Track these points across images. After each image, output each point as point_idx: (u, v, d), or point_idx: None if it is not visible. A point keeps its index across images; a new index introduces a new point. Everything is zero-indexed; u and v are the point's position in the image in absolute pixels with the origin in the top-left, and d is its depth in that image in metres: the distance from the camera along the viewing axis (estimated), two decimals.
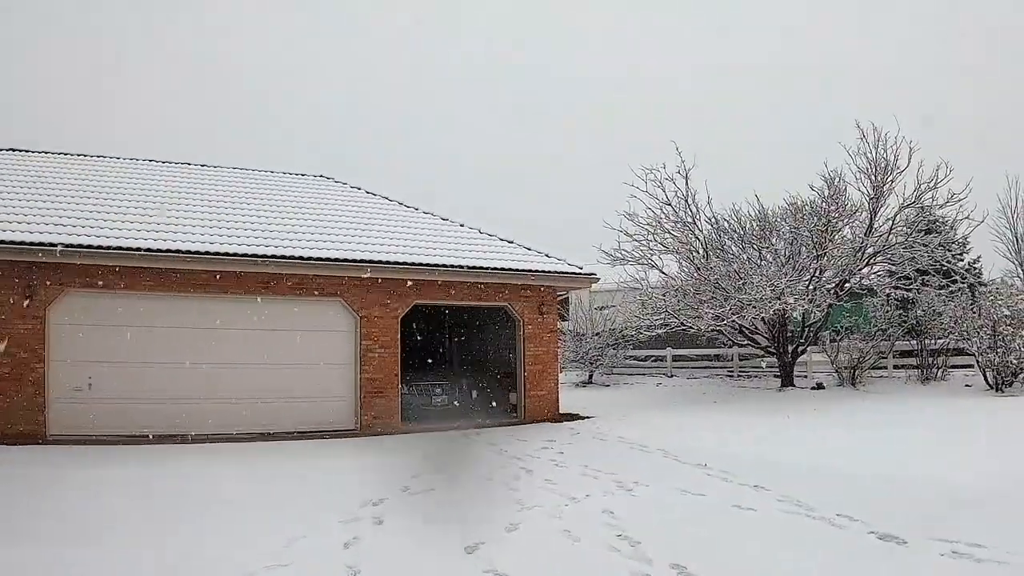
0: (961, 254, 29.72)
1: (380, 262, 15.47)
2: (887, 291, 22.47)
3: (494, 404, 17.88)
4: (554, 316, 17.83)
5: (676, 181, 21.51)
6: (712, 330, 21.69)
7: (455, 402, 17.75)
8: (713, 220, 21.98)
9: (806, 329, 22.36)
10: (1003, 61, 63.48)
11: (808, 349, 23.06)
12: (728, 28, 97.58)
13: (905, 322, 23.15)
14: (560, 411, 17.74)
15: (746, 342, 22.97)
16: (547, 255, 17.72)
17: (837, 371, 22.55)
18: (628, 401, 21.51)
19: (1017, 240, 31.43)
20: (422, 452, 12.69)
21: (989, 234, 29.93)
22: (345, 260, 15.26)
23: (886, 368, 23.80)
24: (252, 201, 17.92)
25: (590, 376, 27.15)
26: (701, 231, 21.88)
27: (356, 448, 13.40)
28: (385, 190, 19.98)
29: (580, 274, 17.47)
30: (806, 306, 20.14)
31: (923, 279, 22.89)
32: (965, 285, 26.64)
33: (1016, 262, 31.24)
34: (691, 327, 21.35)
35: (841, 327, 23.72)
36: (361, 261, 15.35)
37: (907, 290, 22.60)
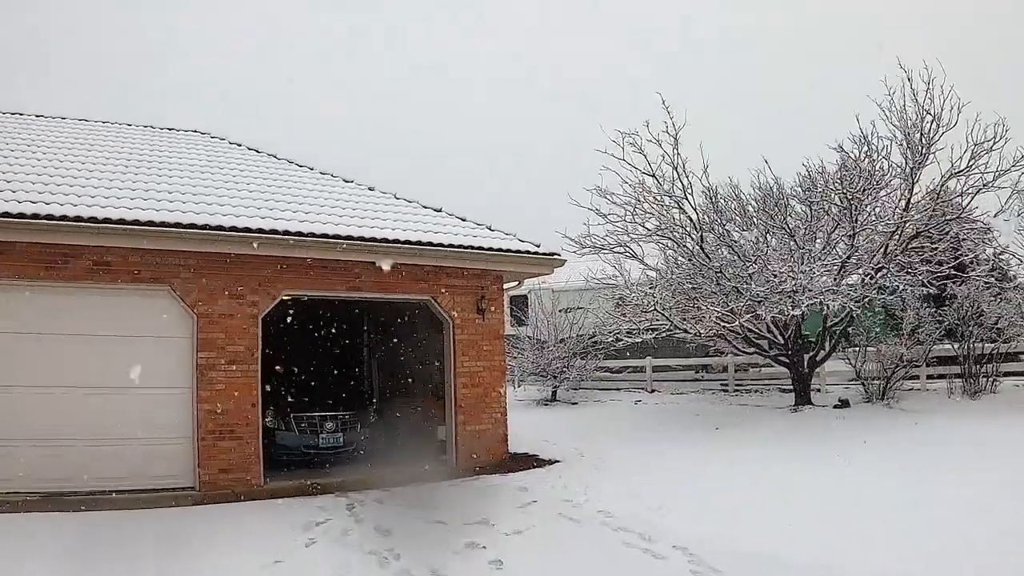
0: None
1: (226, 229, 9.41)
2: (922, 284, 16.58)
3: (416, 443, 11.76)
4: (500, 316, 11.86)
5: (663, 144, 15.53)
6: (714, 335, 15.75)
7: (356, 442, 11.52)
8: (711, 192, 15.99)
9: (827, 332, 16.50)
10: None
11: (829, 357, 17.16)
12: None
13: (942, 322, 17.37)
14: (510, 450, 11.71)
15: (752, 349, 17.02)
16: (489, 228, 11.74)
17: (863, 383, 16.73)
18: (604, 428, 15.54)
19: None
20: (243, 552, 6.57)
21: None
22: (167, 225, 9.18)
23: (918, 378, 17.99)
24: (78, 155, 11.70)
25: (554, 392, 21.07)
26: (695, 208, 15.94)
27: (148, 534, 7.31)
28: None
29: (536, 254, 11.51)
30: (842, 300, 14.31)
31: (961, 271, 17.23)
32: (992, 278, 21.42)
33: None
34: (688, 331, 15.39)
35: (864, 329, 17.99)
36: (195, 227, 9.29)
37: (941, 284, 16.77)
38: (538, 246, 11.62)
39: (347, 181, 12.64)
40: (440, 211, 11.97)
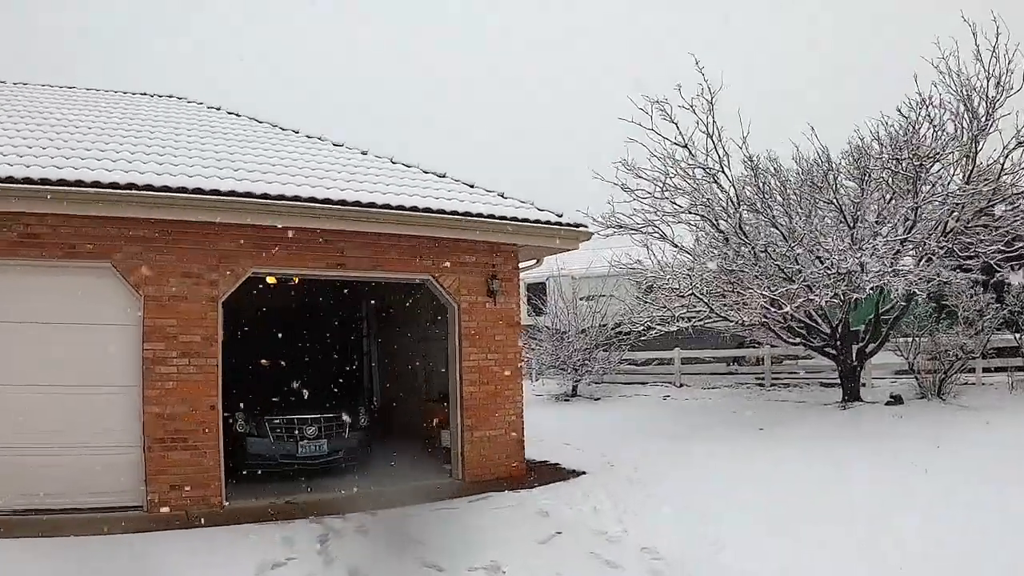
0: None
1: (173, 190, 7.41)
2: (986, 267, 14.31)
3: (416, 451, 9.73)
4: (515, 299, 9.78)
5: (696, 110, 13.37)
6: (756, 324, 13.63)
7: (344, 450, 9.44)
8: (751, 163, 13.79)
9: (880, 320, 14.33)
10: None
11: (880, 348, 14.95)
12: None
13: (1000, 310, 15.12)
14: (526, 458, 9.66)
15: (797, 340, 14.83)
16: (502, 195, 9.68)
17: (917, 377, 14.54)
18: (632, 428, 13.50)
19: None
20: None
21: None
22: (100, 185, 7.19)
23: (974, 371, 15.76)
24: (23, 117, 9.73)
25: (574, 387, 18.99)
26: (732, 184, 13.78)
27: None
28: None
29: (559, 225, 9.45)
30: (905, 284, 12.18)
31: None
32: None
33: None
34: (729, 319, 13.28)
35: (915, 317, 15.80)
36: (135, 187, 7.29)
37: (997, 267, 14.49)
38: (560, 216, 9.54)
39: (336, 144, 10.59)
40: (444, 176, 9.90)
